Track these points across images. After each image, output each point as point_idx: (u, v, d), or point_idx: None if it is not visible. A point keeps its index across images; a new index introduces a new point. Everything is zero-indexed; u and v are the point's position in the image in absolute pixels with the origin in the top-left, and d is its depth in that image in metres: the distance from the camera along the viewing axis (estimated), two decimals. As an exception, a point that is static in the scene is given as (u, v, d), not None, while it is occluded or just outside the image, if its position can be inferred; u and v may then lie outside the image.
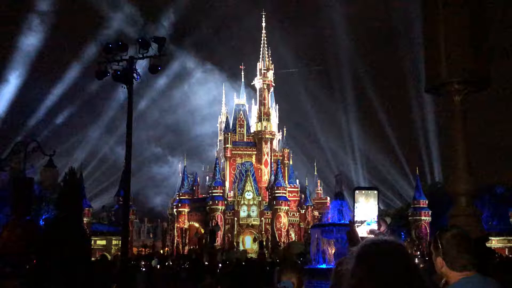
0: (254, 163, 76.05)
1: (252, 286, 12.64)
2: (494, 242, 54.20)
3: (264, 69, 77.55)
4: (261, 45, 78.72)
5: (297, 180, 76.51)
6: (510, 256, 28.27)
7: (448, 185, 6.58)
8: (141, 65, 14.68)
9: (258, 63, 78.03)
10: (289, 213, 71.43)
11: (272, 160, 75.11)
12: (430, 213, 64.28)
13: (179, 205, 72.96)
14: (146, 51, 14.51)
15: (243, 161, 76.01)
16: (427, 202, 65.29)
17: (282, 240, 68.76)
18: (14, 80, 69.75)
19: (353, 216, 2.68)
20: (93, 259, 19.98)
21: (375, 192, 2.66)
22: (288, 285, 3.79)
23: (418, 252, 55.82)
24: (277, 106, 78.18)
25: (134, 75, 14.48)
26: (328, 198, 71.70)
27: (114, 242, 60.03)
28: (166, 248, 71.78)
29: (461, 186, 6.40)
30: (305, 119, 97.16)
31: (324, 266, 21.39)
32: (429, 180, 73.90)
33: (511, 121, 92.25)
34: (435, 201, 59.79)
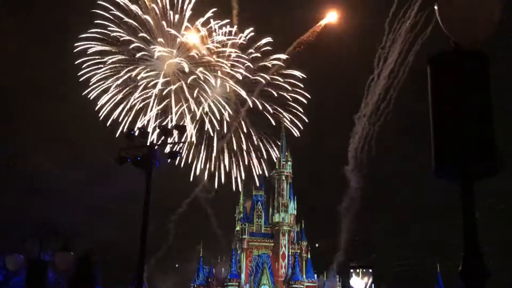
0: (271, 255, 74.74)
1: None
2: None
3: (283, 161, 78.16)
4: (280, 138, 79.91)
5: (315, 275, 74.61)
6: None
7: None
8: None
9: (276, 156, 78.92)
10: (306, 308, 69.14)
11: (290, 253, 73.78)
12: None
13: (194, 297, 71.26)
14: (167, 139, 14.85)
15: (259, 253, 74.75)
16: None
17: (299, 337, 66.09)
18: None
19: None
20: None
21: (370, 270, 2.61)
22: None
23: None
24: (295, 198, 77.77)
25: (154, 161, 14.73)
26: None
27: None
28: None
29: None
30: (326, 207, 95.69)
31: None
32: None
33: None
34: None
